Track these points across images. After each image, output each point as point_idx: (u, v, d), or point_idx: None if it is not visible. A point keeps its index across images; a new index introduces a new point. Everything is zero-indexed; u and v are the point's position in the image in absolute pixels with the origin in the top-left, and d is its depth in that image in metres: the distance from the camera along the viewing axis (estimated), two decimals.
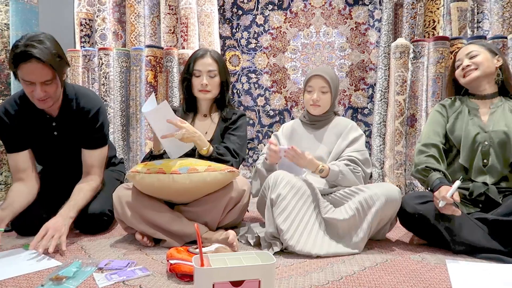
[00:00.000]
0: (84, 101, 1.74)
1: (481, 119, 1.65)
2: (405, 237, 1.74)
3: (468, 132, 1.63)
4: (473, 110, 1.68)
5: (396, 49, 2.51)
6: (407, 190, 2.50)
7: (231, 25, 3.11)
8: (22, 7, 2.39)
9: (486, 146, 1.59)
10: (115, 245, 1.62)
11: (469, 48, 1.70)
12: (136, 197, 1.59)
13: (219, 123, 1.87)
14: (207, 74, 1.81)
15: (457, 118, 1.69)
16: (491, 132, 1.60)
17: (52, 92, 1.59)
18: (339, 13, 2.93)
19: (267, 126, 3.09)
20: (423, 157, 1.63)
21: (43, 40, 1.52)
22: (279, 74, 3.05)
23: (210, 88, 1.82)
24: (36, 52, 1.47)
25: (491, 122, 1.62)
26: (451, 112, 1.72)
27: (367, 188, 1.57)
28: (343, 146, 1.77)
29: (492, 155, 1.59)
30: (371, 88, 2.89)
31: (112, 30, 3.00)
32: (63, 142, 1.77)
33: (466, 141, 1.63)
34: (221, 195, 1.59)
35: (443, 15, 2.53)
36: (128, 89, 2.89)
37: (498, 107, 1.65)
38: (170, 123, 1.57)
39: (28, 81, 1.53)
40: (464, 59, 1.69)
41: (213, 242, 1.51)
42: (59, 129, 1.75)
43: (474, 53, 1.67)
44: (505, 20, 2.40)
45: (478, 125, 1.63)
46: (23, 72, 1.51)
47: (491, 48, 1.69)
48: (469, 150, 1.62)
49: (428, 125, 1.75)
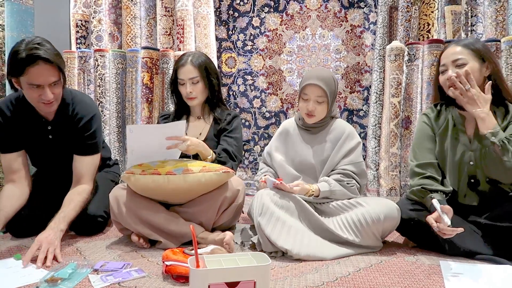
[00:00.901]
0: (79, 107, 1.74)
1: (466, 135, 1.55)
2: (400, 238, 1.75)
3: (453, 154, 1.56)
4: (459, 124, 1.57)
5: (391, 52, 2.53)
6: (402, 192, 2.52)
7: (227, 27, 3.12)
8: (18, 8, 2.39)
9: (471, 166, 1.53)
10: (110, 246, 1.62)
11: (456, 53, 1.51)
12: (132, 198, 1.59)
13: (213, 124, 1.89)
14: (189, 82, 1.82)
15: (442, 136, 1.60)
16: (476, 151, 1.51)
17: (58, 93, 1.59)
18: (334, 16, 2.95)
19: (263, 128, 3.10)
20: (418, 179, 1.55)
21: (42, 42, 1.52)
22: (275, 76, 3.06)
23: (195, 95, 1.83)
24: (42, 53, 1.47)
25: (477, 139, 1.51)
26: (437, 128, 1.62)
27: (365, 203, 1.56)
28: (338, 158, 1.71)
29: (479, 174, 1.52)
30: (366, 90, 2.91)
31: (108, 32, 3.00)
32: (58, 146, 1.76)
33: (452, 163, 1.56)
34: (216, 195, 1.60)
35: (438, 18, 2.55)
36: (124, 91, 2.89)
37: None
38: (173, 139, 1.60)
39: (36, 85, 1.51)
40: (450, 67, 1.52)
41: (209, 242, 1.52)
42: (54, 133, 1.75)
43: (461, 61, 1.49)
44: (499, 24, 2.42)
45: (463, 144, 1.54)
46: (31, 76, 1.49)
47: (480, 52, 1.50)
48: (455, 172, 1.56)
49: (419, 140, 1.64)
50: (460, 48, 1.52)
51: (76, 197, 1.66)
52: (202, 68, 1.83)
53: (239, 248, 1.61)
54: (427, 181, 1.53)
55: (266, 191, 1.59)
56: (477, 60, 1.50)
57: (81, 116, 1.73)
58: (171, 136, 1.59)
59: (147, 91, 2.81)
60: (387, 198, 2.47)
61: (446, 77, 1.52)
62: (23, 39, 1.53)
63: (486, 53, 1.52)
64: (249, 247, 1.60)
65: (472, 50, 1.51)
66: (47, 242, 1.43)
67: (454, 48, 1.54)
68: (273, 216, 1.50)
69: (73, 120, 1.73)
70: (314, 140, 1.79)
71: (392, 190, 2.51)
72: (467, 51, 1.51)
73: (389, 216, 1.51)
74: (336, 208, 1.62)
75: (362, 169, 1.72)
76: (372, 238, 1.52)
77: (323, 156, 1.74)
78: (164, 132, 1.61)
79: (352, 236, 1.51)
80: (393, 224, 1.54)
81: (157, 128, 1.72)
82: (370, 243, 1.53)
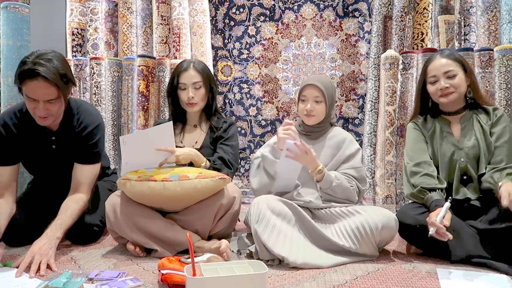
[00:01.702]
0: (83, 116, 1.74)
1: (453, 136, 1.67)
2: (399, 247, 1.74)
3: (444, 152, 1.65)
4: (445, 127, 1.69)
5: (386, 61, 2.55)
6: (397, 200, 2.52)
7: (223, 36, 3.14)
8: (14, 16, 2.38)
9: (463, 162, 1.61)
10: (106, 255, 1.61)
11: (446, 64, 1.64)
12: (128, 204, 1.58)
13: (209, 132, 1.88)
14: (192, 87, 1.81)
15: (431, 139, 1.70)
16: (465, 148, 1.62)
17: (54, 110, 1.58)
18: (329, 25, 2.98)
19: (259, 136, 3.10)
20: (418, 177, 1.62)
21: (51, 58, 1.51)
22: (271, 84, 3.08)
23: (197, 100, 1.83)
24: (42, 71, 1.46)
25: (464, 138, 1.64)
26: (426, 132, 1.73)
27: (363, 211, 1.56)
28: (339, 163, 1.73)
29: (471, 170, 1.60)
30: (362, 99, 2.93)
31: (104, 40, 3.00)
32: (61, 156, 1.75)
33: (443, 161, 1.64)
34: (212, 202, 1.59)
35: (431, 27, 2.59)
36: (119, 99, 2.89)
37: (467, 120, 1.67)
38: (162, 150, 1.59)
39: (32, 98, 1.52)
40: (441, 78, 1.64)
41: (205, 251, 1.51)
42: (58, 143, 1.74)
43: (452, 73, 1.63)
44: (491, 33, 2.46)
45: (452, 143, 1.65)
46: (28, 88, 1.50)
47: (464, 64, 1.66)
48: (447, 169, 1.63)
49: (412, 144, 1.73)
50: (447, 60, 1.65)
51: (73, 204, 1.64)
52: (205, 74, 1.84)
53: (236, 256, 1.61)
54: (424, 179, 1.60)
55: (262, 199, 1.58)
56: (462, 71, 1.65)
57: (85, 125, 1.73)
58: (160, 148, 1.59)
59: (143, 99, 2.81)
60: (383, 206, 2.50)
61: (439, 87, 1.64)
62: (37, 51, 1.53)
63: (466, 64, 1.68)
64: (246, 255, 1.59)
65: (457, 62, 1.65)
66: (40, 254, 1.40)
67: (441, 60, 1.67)
68: (269, 224, 1.49)
69: (77, 129, 1.72)
70: (313, 146, 1.78)
71: (388, 198, 2.52)
72: (454, 62, 1.65)
73: (386, 226, 1.51)
74: (333, 215, 1.61)
75: (362, 175, 1.73)
76: (369, 247, 1.52)
77: (323, 162, 1.73)
78: (154, 136, 1.60)
79: (348, 243, 1.51)
80: (391, 234, 1.54)
81: (146, 133, 1.73)
82: (366, 252, 1.53)
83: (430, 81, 1.68)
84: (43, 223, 1.59)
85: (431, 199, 1.53)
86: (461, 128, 1.67)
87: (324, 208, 1.66)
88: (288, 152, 1.58)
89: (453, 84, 1.62)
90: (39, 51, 1.53)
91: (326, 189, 1.65)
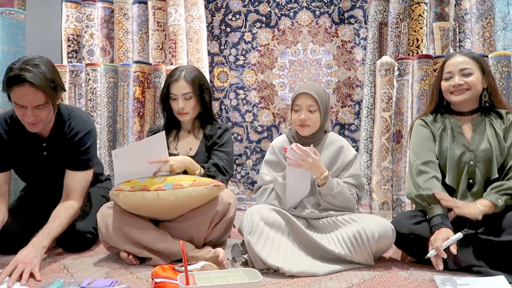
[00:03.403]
0: (75, 122, 1.72)
1: (464, 137, 1.62)
2: (395, 254, 1.73)
3: (453, 152, 1.60)
4: (456, 127, 1.64)
5: (382, 67, 2.56)
6: (394, 206, 2.52)
7: (220, 42, 3.14)
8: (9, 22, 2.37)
9: (472, 166, 1.57)
10: (98, 263, 1.58)
11: (463, 62, 1.61)
12: (120, 216, 1.56)
13: (203, 139, 1.86)
14: (182, 97, 1.78)
15: (441, 137, 1.65)
16: (476, 151, 1.57)
17: (43, 116, 1.57)
18: (325, 32, 2.99)
19: (255, 142, 3.09)
20: (427, 179, 1.55)
21: (38, 64, 1.50)
22: (267, 90, 3.07)
23: (187, 110, 1.80)
24: (29, 77, 1.45)
25: (475, 140, 1.59)
26: (435, 130, 1.67)
27: (360, 219, 1.54)
28: (337, 172, 1.70)
29: (478, 174, 1.56)
30: (358, 105, 2.93)
31: (100, 46, 3.00)
32: (52, 163, 1.74)
33: (452, 162, 1.59)
34: (207, 209, 1.57)
35: (426, 34, 2.60)
36: (115, 105, 2.88)
37: (480, 123, 1.63)
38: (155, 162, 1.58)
39: (20, 105, 1.51)
40: (456, 75, 1.60)
41: (200, 260, 1.49)
42: (49, 150, 1.72)
43: (468, 71, 1.59)
44: (486, 40, 2.47)
45: (462, 144, 1.60)
46: (15, 95, 1.49)
47: (483, 65, 1.62)
48: (455, 171, 1.59)
49: (419, 142, 1.67)
50: (465, 58, 1.62)
51: (63, 212, 1.62)
52: (196, 84, 1.79)
53: (230, 264, 1.59)
54: (433, 183, 1.54)
55: (255, 209, 1.56)
56: (480, 72, 1.61)
57: (77, 131, 1.71)
58: (153, 160, 1.57)
59: (139, 105, 2.80)
60: (380, 212, 2.49)
61: (452, 84, 1.61)
62: (24, 57, 1.52)
63: (486, 66, 1.63)
64: (241, 263, 1.57)
65: (476, 61, 1.62)
66: (24, 263, 1.38)
67: (459, 57, 1.63)
68: (262, 235, 1.48)
69: (68, 136, 1.71)
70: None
71: (385, 204, 2.51)
72: (472, 61, 1.61)
73: (383, 235, 1.49)
74: (330, 224, 1.59)
75: (361, 181, 1.71)
76: (364, 255, 1.50)
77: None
78: (146, 147, 1.60)
79: (344, 251, 1.49)
80: (387, 243, 1.52)
81: (139, 145, 1.71)
82: (361, 260, 1.51)
83: (445, 77, 1.65)
84: (35, 230, 1.56)
85: (436, 212, 1.46)
86: (473, 130, 1.62)
87: (321, 218, 1.63)
88: (291, 160, 1.55)
89: (467, 81, 1.58)
90: (26, 57, 1.52)
91: (326, 195, 1.60)
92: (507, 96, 2.34)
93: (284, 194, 1.63)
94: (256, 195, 1.78)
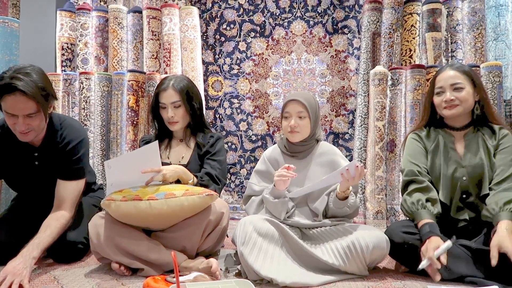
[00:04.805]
0: (67, 131, 1.71)
1: (457, 152, 1.62)
2: (389, 264, 1.72)
3: (446, 169, 1.60)
4: (449, 142, 1.64)
5: (375, 76, 2.57)
6: (388, 215, 2.51)
7: (214, 51, 3.15)
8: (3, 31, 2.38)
9: (464, 181, 1.57)
10: (89, 274, 1.56)
11: (454, 76, 1.60)
12: (112, 226, 1.54)
13: (195, 147, 1.86)
14: (171, 106, 1.78)
15: (434, 153, 1.65)
16: (468, 166, 1.57)
17: (35, 125, 1.56)
18: (319, 41, 3.01)
19: (249, 151, 3.09)
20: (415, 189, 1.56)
21: (30, 72, 1.50)
22: (261, 99, 3.08)
23: (177, 119, 1.80)
24: (20, 85, 1.44)
25: (467, 156, 1.59)
26: (429, 144, 1.67)
27: (354, 230, 1.54)
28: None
29: (471, 190, 1.57)
30: (352, 114, 2.94)
31: (94, 55, 2.99)
32: (43, 172, 1.72)
33: (445, 179, 1.60)
34: (199, 219, 1.56)
35: (419, 44, 2.62)
36: (109, 114, 2.87)
37: (472, 138, 1.62)
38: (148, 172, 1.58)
39: (11, 113, 1.50)
40: (448, 90, 1.60)
41: (193, 271, 1.47)
42: (41, 159, 1.71)
43: (459, 86, 1.58)
44: (477, 50, 2.50)
45: (455, 160, 1.60)
46: (6, 104, 1.48)
47: (474, 79, 1.61)
48: (448, 187, 1.59)
49: (412, 152, 1.67)
50: (456, 72, 1.61)
51: (54, 222, 1.60)
52: (184, 93, 1.79)
53: (223, 275, 1.57)
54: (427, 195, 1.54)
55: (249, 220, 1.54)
56: (471, 86, 1.60)
57: (68, 140, 1.70)
58: (145, 170, 1.57)
59: (133, 113, 2.79)
60: (374, 222, 2.48)
61: (444, 99, 1.61)
62: (15, 66, 1.52)
63: (477, 79, 1.62)
64: (234, 274, 1.56)
65: (466, 75, 1.61)
66: (13, 274, 1.35)
67: (449, 71, 1.63)
68: (255, 246, 1.46)
69: (61, 145, 1.70)
70: (301, 166, 1.74)
71: (379, 213, 2.51)
72: (463, 75, 1.60)
73: (377, 246, 1.48)
74: (325, 234, 1.59)
75: (357, 188, 1.73)
76: (358, 266, 1.49)
77: (314, 180, 1.69)
78: (139, 157, 1.59)
79: (338, 262, 1.48)
80: (381, 254, 1.51)
81: (132, 155, 1.71)
82: (356, 271, 1.50)
83: (436, 92, 1.64)
84: (25, 241, 1.53)
85: (424, 216, 1.47)
86: (465, 145, 1.62)
87: (315, 228, 1.63)
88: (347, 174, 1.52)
89: (459, 97, 1.58)
90: (17, 66, 1.52)
91: (343, 207, 1.62)
92: (499, 106, 2.36)
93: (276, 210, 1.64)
94: (246, 207, 1.79)
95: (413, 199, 1.54)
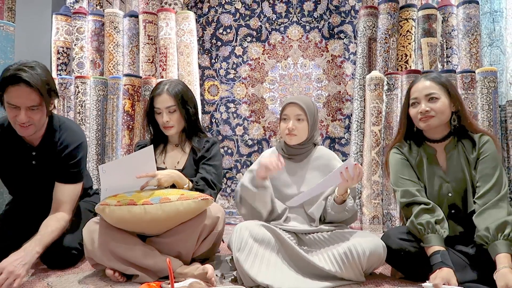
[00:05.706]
0: (66, 134, 1.71)
1: (440, 167, 1.58)
2: (385, 270, 1.72)
3: (432, 186, 1.57)
4: (431, 156, 1.60)
5: (371, 81, 2.58)
6: (384, 220, 2.51)
7: (210, 56, 3.15)
8: None
9: (450, 197, 1.55)
10: (84, 281, 1.54)
11: (429, 87, 1.56)
12: (106, 231, 1.53)
13: (190, 152, 1.84)
14: (166, 111, 1.78)
15: (419, 169, 1.61)
16: (452, 182, 1.55)
17: (36, 119, 1.56)
18: (315, 46, 3.01)
19: (245, 156, 3.08)
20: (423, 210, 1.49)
21: (34, 66, 1.53)
22: (258, 104, 3.08)
23: (172, 124, 1.79)
24: (25, 76, 1.47)
25: (450, 170, 1.56)
26: (412, 160, 1.62)
27: (351, 236, 1.53)
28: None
29: (459, 204, 1.54)
30: (348, 119, 2.94)
31: (90, 59, 2.98)
32: (41, 172, 1.71)
33: (432, 196, 1.56)
34: (195, 224, 1.55)
35: (415, 49, 2.64)
36: (104, 118, 2.85)
37: (453, 149, 1.58)
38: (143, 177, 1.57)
39: (13, 105, 1.51)
40: (423, 101, 1.55)
41: (188, 277, 1.46)
42: (38, 159, 1.70)
43: (434, 96, 1.54)
44: (473, 55, 2.52)
45: (439, 176, 1.57)
46: (10, 95, 1.49)
47: (449, 89, 1.56)
48: (436, 203, 1.54)
49: (400, 172, 1.60)
50: (431, 83, 1.57)
51: (54, 223, 1.60)
52: (179, 97, 1.78)
53: (219, 281, 1.56)
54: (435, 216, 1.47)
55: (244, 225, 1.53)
56: (446, 96, 1.56)
57: (67, 143, 1.70)
58: (140, 175, 1.56)
59: (128, 118, 2.78)
60: (370, 227, 2.48)
61: (419, 110, 1.56)
62: (20, 61, 1.55)
63: (452, 89, 1.57)
64: (230, 280, 1.54)
65: (442, 85, 1.56)
66: (8, 271, 1.33)
67: (424, 82, 1.58)
68: (251, 252, 1.45)
69: (58, 147, 1.69)
70: (298, 169, 1.74)
71: (375, 218, 2.51)
72: (438, 86, 1.56)
73: (374, 252, 1.47)
74: (321, 240, 1.58)
75: (355, 192, 1.71)
76: (355, 272, 1.48)
77: (310, 184, 1.69)
78: (134, 162, 1.58)
79: (335, 268, 1.47)
80: (378, 260, 1.50)
81: (127, 159, 1.71)
82: (352, 277, 1.49)
83: (411, 103, 1.60)
84: (20, 245, 1.52)
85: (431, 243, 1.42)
86: (447, 158, 1.58)
87: (312, 233, 1.62)
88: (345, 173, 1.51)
89: (434, 108, 1.53)
90: (22, 61, 1.54)
91: (341, 211, 1.62)
92: (494, 111, 2.37)
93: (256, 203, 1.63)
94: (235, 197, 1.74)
95: (421, 220, 1.47)
